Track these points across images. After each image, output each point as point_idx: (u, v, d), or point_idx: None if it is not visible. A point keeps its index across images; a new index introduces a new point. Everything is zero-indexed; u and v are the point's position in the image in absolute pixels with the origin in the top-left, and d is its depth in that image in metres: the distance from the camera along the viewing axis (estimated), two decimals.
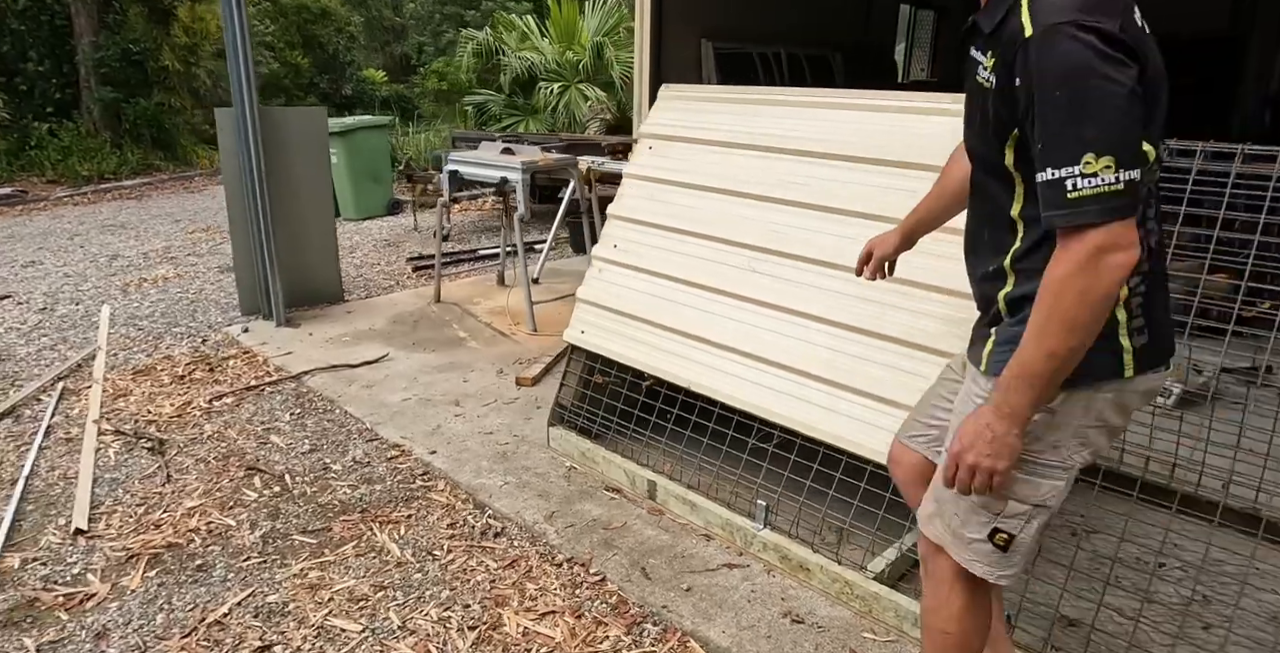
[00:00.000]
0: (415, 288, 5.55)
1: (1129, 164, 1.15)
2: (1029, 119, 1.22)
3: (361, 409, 3.52)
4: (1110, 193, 1.15)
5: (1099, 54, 1.15)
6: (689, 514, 2.69)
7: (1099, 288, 1.18)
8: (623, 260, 3.01)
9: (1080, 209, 1.16)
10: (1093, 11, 1.17)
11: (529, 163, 4.26)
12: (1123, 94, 1.16)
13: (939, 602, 1.62)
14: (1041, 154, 1.20)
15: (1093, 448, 1.41)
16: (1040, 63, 1.19)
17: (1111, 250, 1.16)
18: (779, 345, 2.55)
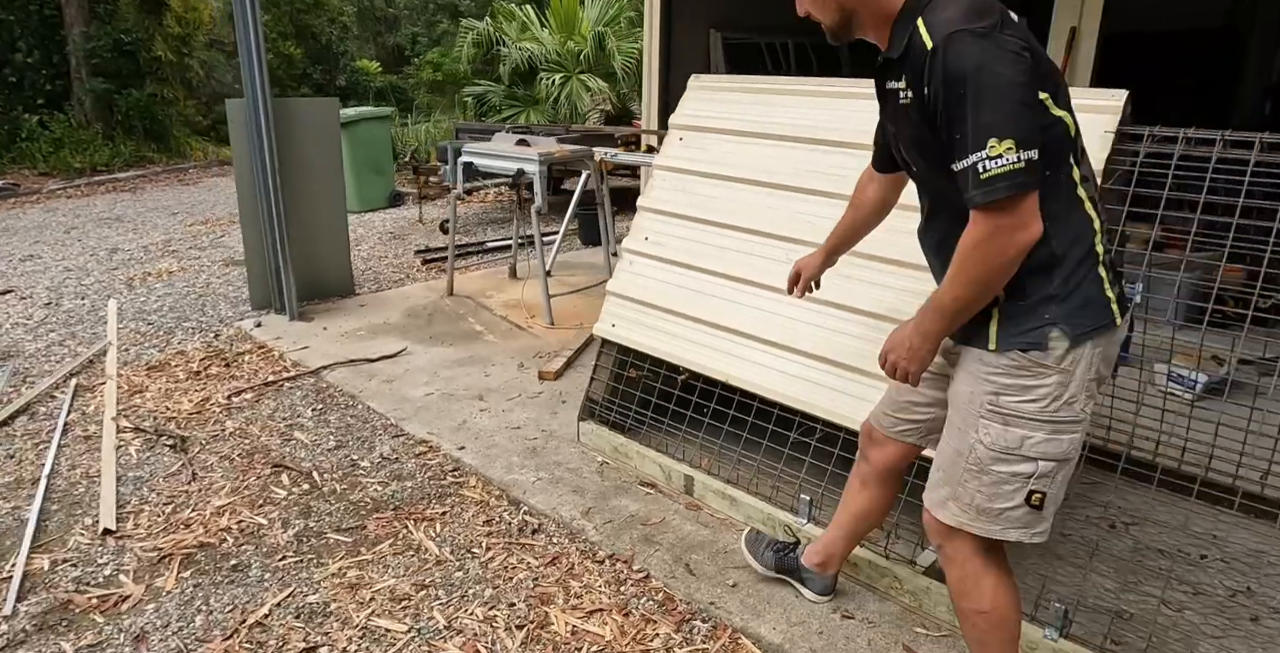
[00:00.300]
0: (426, 281, 5.49)
1: (1028, 145, 1.33)
2: (941, 119, 1.40)
3: (384, 405, 3.47)
4: (1014, 170, 1.32)
5: (991, 53, 1.34)
6: (728, 509, 2.65)
7: (1001, 258, 1.40)
8: (654, 253, 2.96)
9: (993, 186, 1.33)
10: (979, 18, 1.37)
11: (546, 154, 4.20)
12: (1017, 83, 1.34)
13: (968, 584, 1.66)
14: (956, 146, 1.37)
15: (1093, 399, 1.57)
16: (944, 68, 1.37)
17: (1015, 230, 1.36)
18: (816, 338, 2.52)
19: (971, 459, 1.58)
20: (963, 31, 1.36)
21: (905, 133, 1.58)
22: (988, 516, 1.59)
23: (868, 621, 2.20)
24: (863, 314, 2.43)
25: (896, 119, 1.59)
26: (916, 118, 1.48)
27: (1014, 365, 1.52)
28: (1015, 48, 1.36)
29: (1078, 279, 1.49)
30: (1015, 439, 1.53)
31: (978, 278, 1.44)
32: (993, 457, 1.55)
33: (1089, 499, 2.76)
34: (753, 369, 2.65)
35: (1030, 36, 1.42)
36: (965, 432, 1.59)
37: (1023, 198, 1.35)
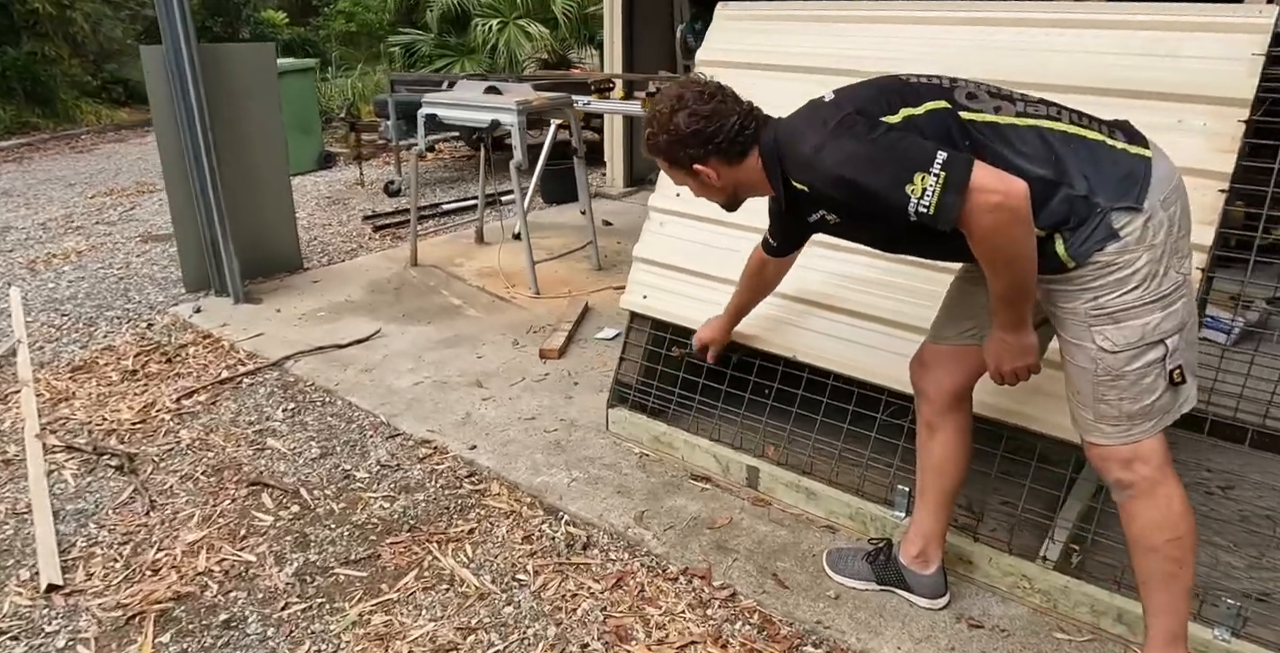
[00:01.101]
0: (383, 250, 4.91)
1: (928, 160, 1.36)
2: (868, 210, 1.47)
3: (369, 399, 2.98)
4: (944, 186, 1.34)
5: (833, 154, 1.46)
6: (805, 503, 2.30)
7: (1012, 231, 1.37)
8: (689, 210, 2.53)
9: (944, 208, 1.35)
10: (811, 136, 1.51)
11: (524, 103, 3.67)
12: (869, 142, 1.44)
13: (1160, 510, 1.56)
14: (895, 212, 1.40)
15: (1187, 257, 1.50)
16: (829, 191, 1.50)
17: (999, 207, 1.34)
18: (898, 302, 2.15)
19: (1101, 371, 1.52)
20: (809, 160, 1.49)
21: (861, 236, 1.75)
22: (1142, 416, 1.53)
23: (999, 629, 1.90)
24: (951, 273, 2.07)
25: (836, 231, 1.72)
26: (857, 224, 1.63)
27: (1099, 267, 1.46)
28: (841, 125, 1.46)
29: (1090, 167, 1.45)
30: (1135, 331, 1.48)
31: (1010, 258, 1.42)
32: (1122, 359, 1.50)
33: (1178, 464, 2.52)
34: (823, 342, 2.28)
35: (845, 95, 1.55)
36: (1082, 347, 1.53)
37: (973, 188, 1.34)
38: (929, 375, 1.85)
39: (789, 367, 2.35)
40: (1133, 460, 1.56)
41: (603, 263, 4.52)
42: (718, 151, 1.63)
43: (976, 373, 1.81)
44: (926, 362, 1.86)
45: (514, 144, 3.68)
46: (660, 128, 1.64)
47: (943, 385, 1.83)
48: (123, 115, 11.37)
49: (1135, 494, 1.57)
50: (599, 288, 4.17)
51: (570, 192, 5.94)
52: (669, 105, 1.63)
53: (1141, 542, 1.59)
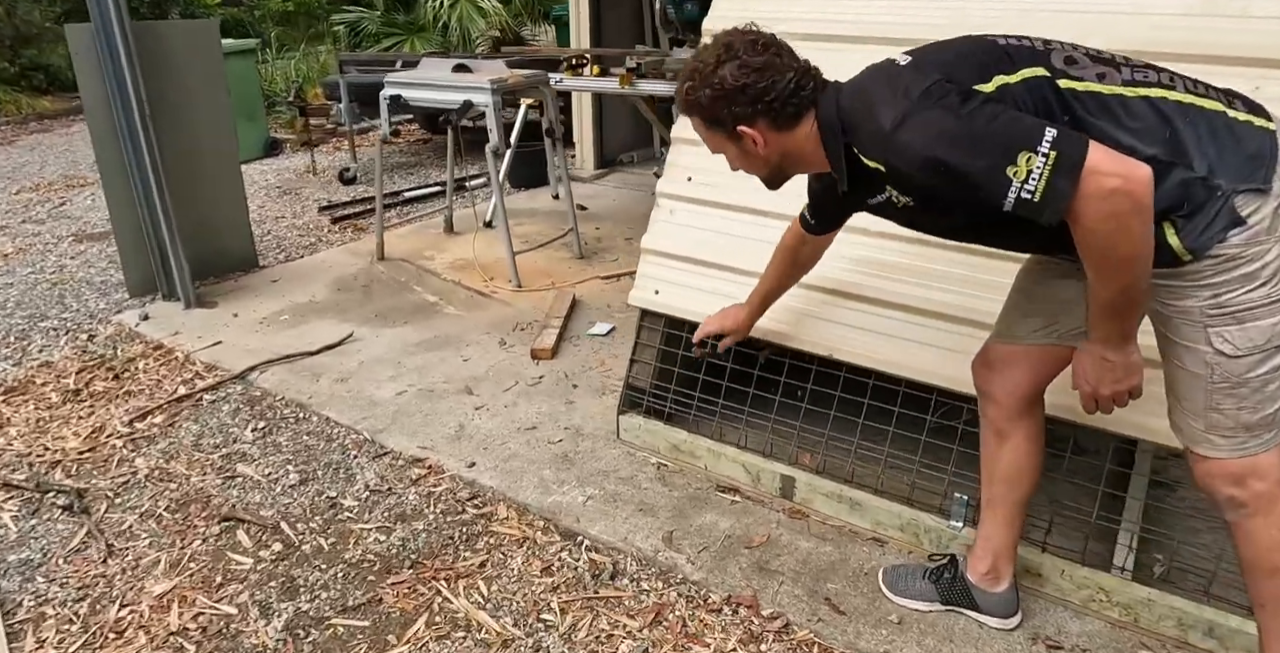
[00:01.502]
0: (344, 244, 4.56)
1: (1034, 138, 1.16)
2: (956, 196, 1.29)
3: (348, 413, 2.69)
4: (1054, 168, 1.15)
5: (924, 128, 1.23)
6: (847, 515, 2.11)
7: (1126, 226, 1.16)
8: (702, 196, 2.29)
9: (1054, 196, 1.15)
10: (890, 108, 1.27)
11: (499, 81, 3.36)
12: (966, 118, 1.21)
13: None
14: (990, 200, 1.20)
15: None
16: (911, 173, 1.28)
17: (1115, 192, 1.14)
18: (950, 295, 1.95)
19: (1218, 377, 1.34)
20: (887, 136, 1.26)
21: (932, 223, 1.52)
22: (1262, 427, 1.35)
23: (1079, 648, 1.73)
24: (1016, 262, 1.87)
25: (901, 214, 1.49)
26: (933, 209, 1.41)
27: (1221, 261, 1.26)
28: (927, 95, 1.24)
29: (1210, 144, 1.25)
30: (1261, 333, 1.29)
31: (1124, 258, 1.20)
32: (1244, 364, 1.32)
33: None
34: (863, 338, 2.07)
35: (926, 58, 1.34)
36: (1194, 350, 1.34)
37: (1088, 171, 1.14)
38: (997, 378, 1.66)
39: (824, 366, 2.14)
40: (1246, 476, 1.38)
41: (584, 251, 4.26)
42: (767, 112, 1.40)
43: (1051, 375, 1.62)
44: (993, 363, 1.66)
45: (489, 127, 3.38)
46: (702, 81, 1.40)
47: (1013, 389, 1.64)
48: (45, 104, 10.61)
49: (1251, 513, 1.39)
50: (583, 278, 3.91)
51: (540, 175, 5.64)
52: (715, 55, 1.39)
53: (1261, 564, 1.41)
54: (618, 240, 4.52)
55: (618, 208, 5.19)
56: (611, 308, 3.56)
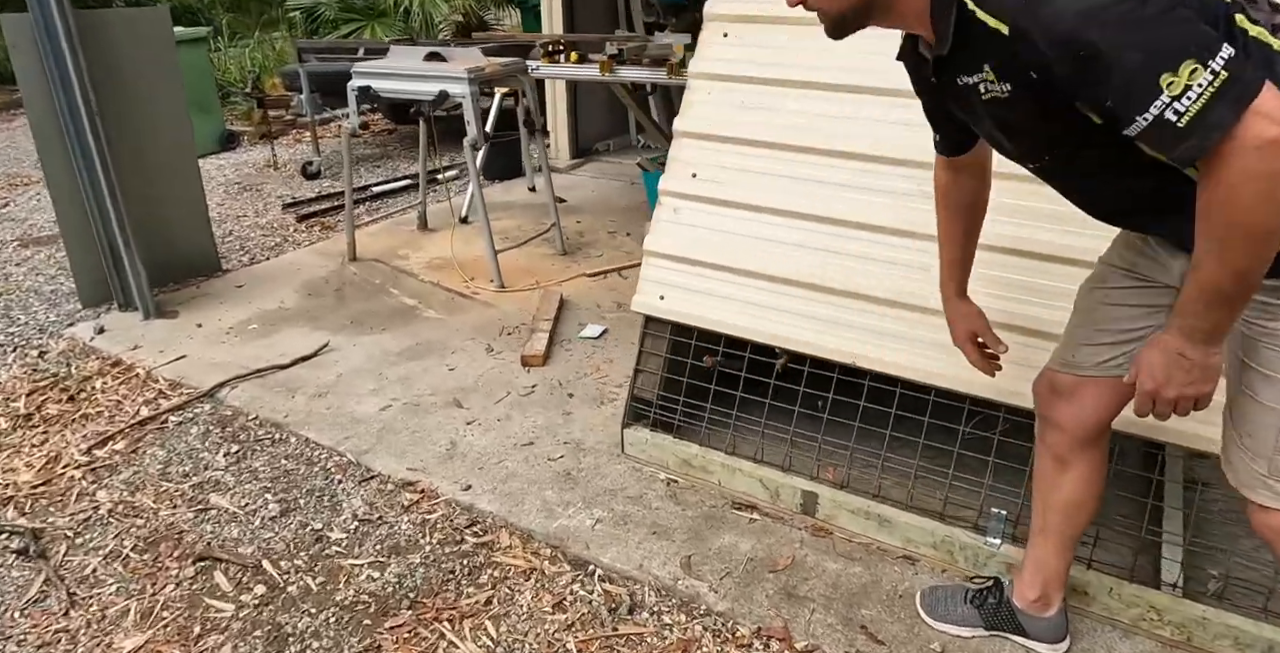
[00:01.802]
0: (312, 244, 4.32)
1: (1210, 51, 0.95)
2: (1076, 95, 1.06)
3: (329, 432, 2.50)
4: (1219, 91, 0.94)
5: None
6: (876, 532, 1.98)
7: (1273, 190, 0.96)
8: (708, 193, 2.13)
9: (1206, 125, 0.95)
10: None
11: (476, 71, 3.15)
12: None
13: None
14: (1119, 110, 1.00)
15: None
16: (1039, 43, 1.03)
17: (1264, 146, 0.93)
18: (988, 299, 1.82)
19: None
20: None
21: (1014, 129, 1.23)
22: None
23: None
24: (1056, 261, 1.75)
25: (981, 114, 1.22)
26: (1026, 109, 1.14)
27: None
28: None
29: None
30: None
31: (1258, 231, 0.99)
32: None
33: None
34: (889, 344, 1.93)
35: None
36: (1274, 380, 1.19)
37: (1253, 110, 0.93)
38: (1062, 405, 1.49)
39: (845, 374, 2.00)
40: None
41: (566, 247, 4.08)
42: None
43: (1123, 403, 1.45)
44: (1060, 390, 1.49)
45: (467, 118, 3.17)
46: None
47: (1082, 419, 1.47)
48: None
49: None
50: (569, 277, 3.74)
51: (514, 166, 5.43)
52: None
53: None
54: (600, 234, 4.34)
55: (597, 199, 5.01)
56: (601, 308, 3.40)
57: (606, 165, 5.76)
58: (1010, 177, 1.56)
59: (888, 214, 1.92)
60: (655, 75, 3.77)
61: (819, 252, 2.00)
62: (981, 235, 1.57)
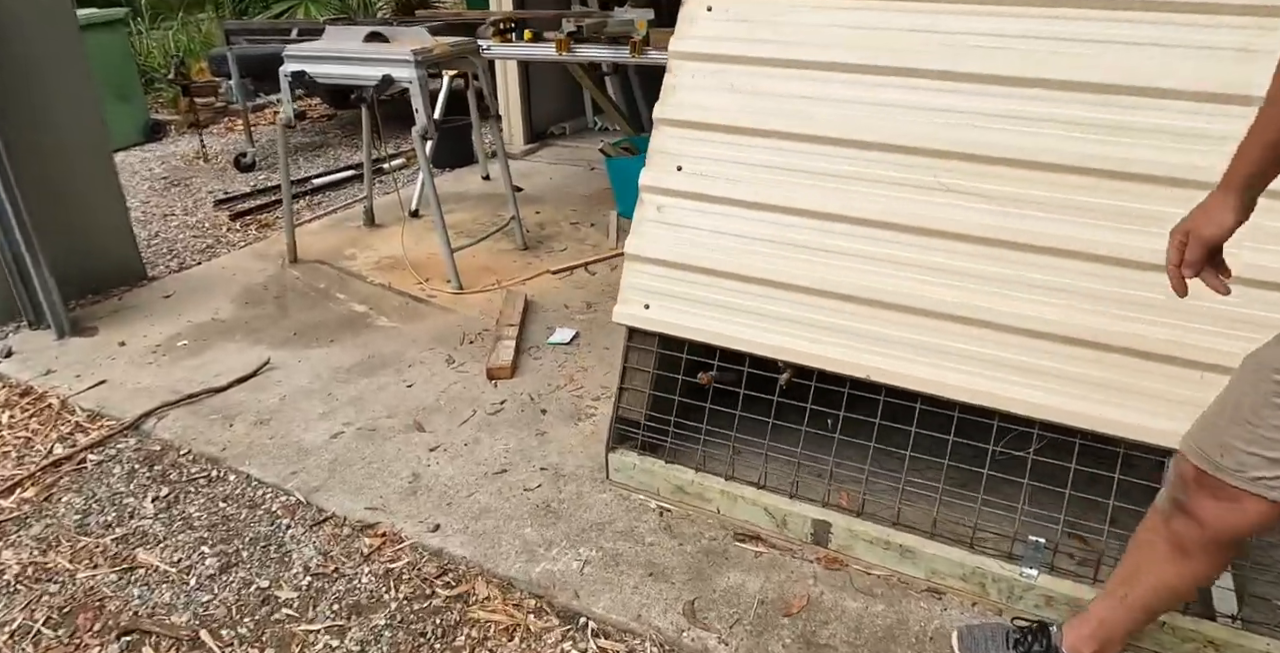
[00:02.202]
0: (249, 244, 3.97)
1: None
2: None
3: (273, 467, 2.21)
4: None
5: None
6: (897, 563, 1.79)
7: None
8: (698, 189, 1.88)
9: None
10: None
11: (423, 52, 2.84)
12: None
13: None
14: None
15: None
16: None
17: None
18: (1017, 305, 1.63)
19: None
20: None
21: None
22: None
23: None
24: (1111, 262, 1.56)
25: None
26: None
27: None
28: None
29: None
30: None
31: None
32: None
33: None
34: (913, 358, 1.72)
35: None
36: None
37: None
38: (1212, 504, 1.23)
39: (857, 389, 1.79)
40: None
41: (527, 241, 3.80)
42: None
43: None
44: (1211, 486, 1.23)
45: (415, 106, 2.86)
46: None
47: (1233, 523, 1.23)
48: None
49: None
50: (532, 274, 3.47)
51: (463, 154, 5.11)
52: None
53: None
54: (563, 226, 4.07)
55: (556, 187, 4.72)
56: (570, 308, 3.14)
57: (563, 150, 5.46)
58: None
59: (905, 211, 1.70)
60: (617, 54, 3.50)
61: (825, 253, 1.78)
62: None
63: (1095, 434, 1.60)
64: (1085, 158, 1.56)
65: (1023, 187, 1.62)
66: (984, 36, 1.65)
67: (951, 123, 1.66)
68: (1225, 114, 1.46)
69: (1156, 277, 1.36)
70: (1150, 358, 1.53)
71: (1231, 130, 1.23)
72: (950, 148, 1.66)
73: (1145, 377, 1.54)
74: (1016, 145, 1.61)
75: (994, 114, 1.63)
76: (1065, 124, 1.58)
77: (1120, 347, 1.54)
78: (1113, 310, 1.55)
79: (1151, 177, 1.51)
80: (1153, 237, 1.42)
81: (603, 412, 2.43)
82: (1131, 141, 1.52)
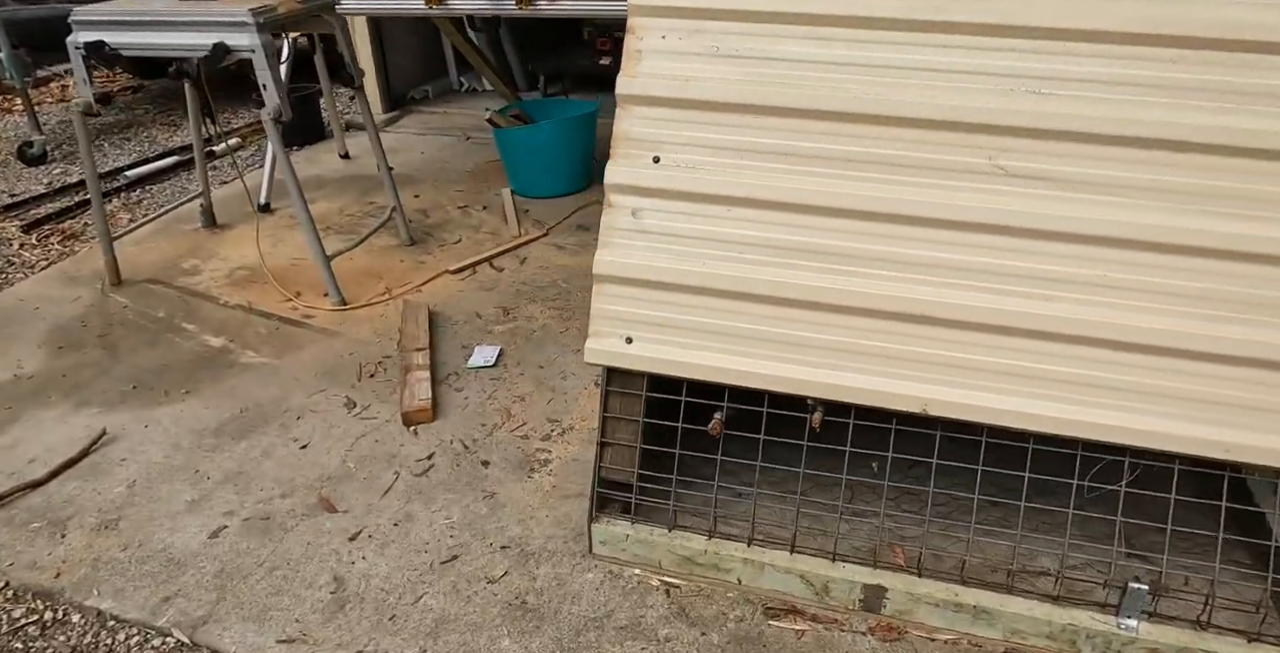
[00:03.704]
0: (53, 263, 3.15)
1: None
2: None
3: (133, 595, 1.63)
4: None
5: None
6: (969, 625, 1.48)
7: None
8: (683, 186, 1.44)
9: None
10: None
11: (266, 11, 2.17)
12: None
13: None
14: None
15: None
16: None
17: None
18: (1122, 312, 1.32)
19: None
20: None
21: None
22: None
23: None
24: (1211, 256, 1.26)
25: None
26: None
27: None
28: None
29: None
30: None
31: None
32: None
33: None
34: (973, 383, 1.38)
35: None
36: None
37: None
38: None
39: (905, 424, 1.45)
40: None
41: (413, 234, 3.22)
42: None
43: None
44: None
45: (261, 81, 2.21)
46: None
47: None
48: None
49: None
50: (428, 277, 2.91)
51: (314, 128, 4.39)
52: None
53: None
54: (450, 211, 3.50)
55: (432, 163, 4.10)
56: (484, 318, 2.64)
57: (430, 117, 4.80)
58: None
59: (958, 204, 1.33)
60: (500, 6, 2.92)
61: (856, 259, 1.40)
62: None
63: (1205, 459, 1.32)
64: (1195, 130, 1.24)
65: (1108, 167, 1.29)
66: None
67: (1020, 93, 1.30)
68: None
69: None
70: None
71: None
72: (1018, 122, 1.30)
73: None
74: (1100, 116, 1.27)
75: (1071, 79, 1.28)
76: (1163, 89, 1.25)
77: (1249, 358, 1.26)
78: (1242, 315, 1.26)
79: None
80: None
81: (559, 455, 1.99)
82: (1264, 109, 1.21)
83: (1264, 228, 1.23)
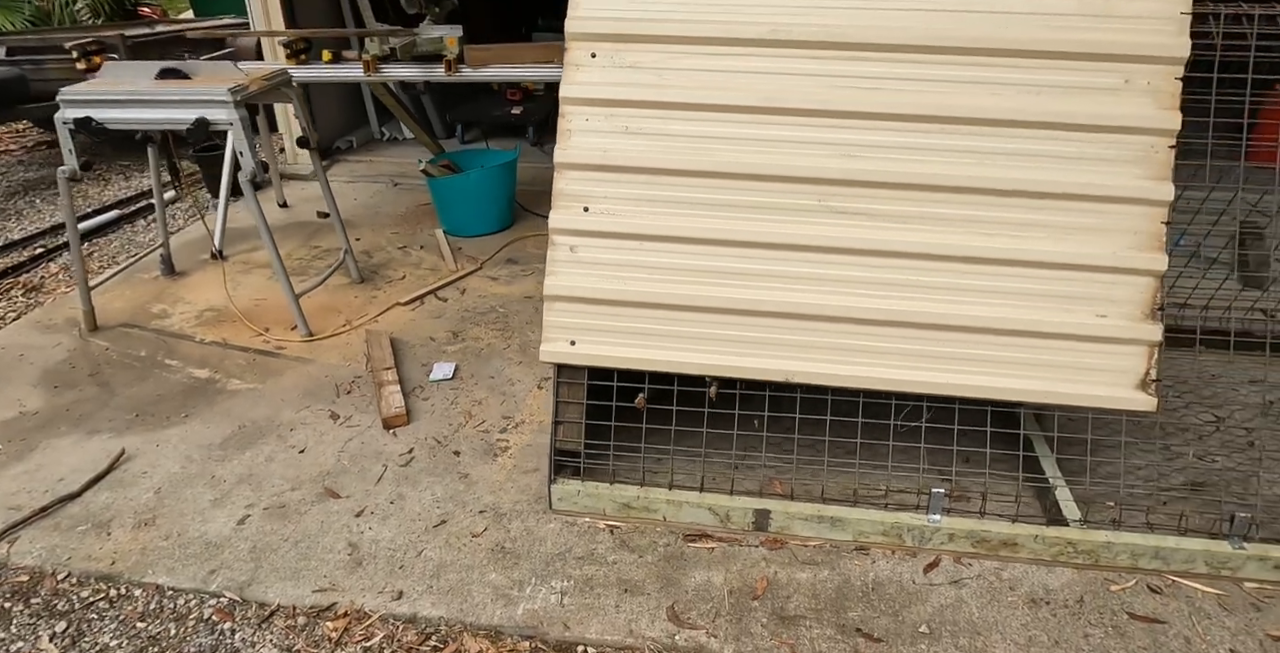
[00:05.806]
0: (22, 314, 3.43)
1: None
2: None
3: (184, 570, 2.03)
4: None
5: None
6: (830, 532, 2.06)
7: None
8: (606, 227, 1.99)
9: None
10: None
11: (241, 89, 2.61)
12: None
13: None
14: None
15: None
16: None
17: None
18: (911, 302, 1.94)
19: None
20: None
21: None
22: None
23: (1068, 603, 1.88)
24: (1008, 264, 1.89)
25: None
26: None
27: None
28: None
29: None
30: None
31: None
32: None
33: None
34: (821, 358, 1.98)
35: None
36: None
37: None
38: None
39: (777, 390, 2.03)
40: None
41: (361, 272, 3.65)
42: None
43: None
44: None
45: (239, 149, 2.64)
46: None
47: None
48: None
49: None
50: (382, 309, 3.36)
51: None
52: None
53: None
54: (391, 251, 3.95)
55: (366, 208, 4.53)
56: (437, 341, 3.11)
57: (356, 165, 5.21)
58: None
59: (797, 232, 1.93)
60: (429, 72, 3.43)
61: (733, 276, 1.98)
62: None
63: (970, 399, 1.95)
64: (938, 177, 1.88)
65: (898, 204, 1.91)
66: (855, 78, 1.91)
67: (839, 154, 1.91)
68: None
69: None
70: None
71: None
72: (834, 176, 1.91)
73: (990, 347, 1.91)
74: (890, 171, 1.90)
75: (869, 145, 1.91)
76: (929, 151, 1.89)
77: (980, 327, 1.90)
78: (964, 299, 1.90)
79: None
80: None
81: (515, 443, 2.48)
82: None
83: (990, 241, 1.88)
